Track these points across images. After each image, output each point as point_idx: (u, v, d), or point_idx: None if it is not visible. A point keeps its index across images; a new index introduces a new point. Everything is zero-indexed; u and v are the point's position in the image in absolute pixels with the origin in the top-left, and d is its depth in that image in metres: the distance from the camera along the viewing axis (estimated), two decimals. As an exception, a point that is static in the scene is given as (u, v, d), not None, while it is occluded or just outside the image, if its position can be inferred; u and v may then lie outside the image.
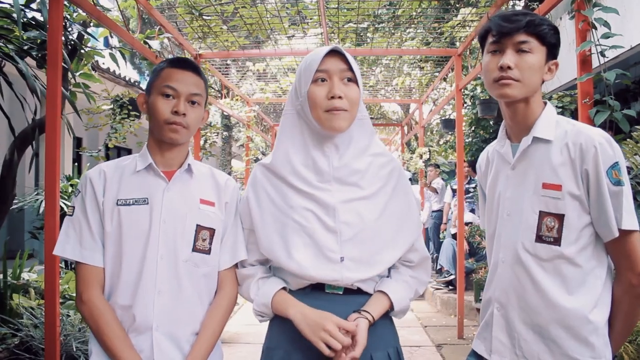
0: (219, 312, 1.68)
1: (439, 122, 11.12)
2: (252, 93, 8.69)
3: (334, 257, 1.50)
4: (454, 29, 5.89)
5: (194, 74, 1.68)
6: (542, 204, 1.53)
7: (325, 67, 1.51)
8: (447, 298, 6.69)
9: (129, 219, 1.61)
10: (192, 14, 4.97)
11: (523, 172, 1.59)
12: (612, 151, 1.47)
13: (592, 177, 1.47)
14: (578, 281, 1.50)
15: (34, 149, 3.23)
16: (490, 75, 1.57)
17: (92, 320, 1.57)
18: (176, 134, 1.64)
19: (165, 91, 1.63)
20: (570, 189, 1.49)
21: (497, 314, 1.63)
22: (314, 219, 1.53)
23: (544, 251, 1.53)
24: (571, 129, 1.54)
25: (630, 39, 4.97)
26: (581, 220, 1.50)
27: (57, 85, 2.57)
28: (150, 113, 1.66)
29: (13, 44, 3.15)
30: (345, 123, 1.51)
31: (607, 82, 2.64)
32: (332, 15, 5.45)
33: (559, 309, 1.50)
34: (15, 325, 3.20)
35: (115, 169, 1.68)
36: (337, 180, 1.55)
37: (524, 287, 1.56)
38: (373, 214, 1.55)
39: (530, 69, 1.52)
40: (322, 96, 1.50)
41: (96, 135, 8.67)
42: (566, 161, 1.50)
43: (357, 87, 1.53)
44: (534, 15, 1.53)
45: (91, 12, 3.18)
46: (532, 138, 1.57)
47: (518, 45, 1.52)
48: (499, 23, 1.54)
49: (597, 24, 2.69)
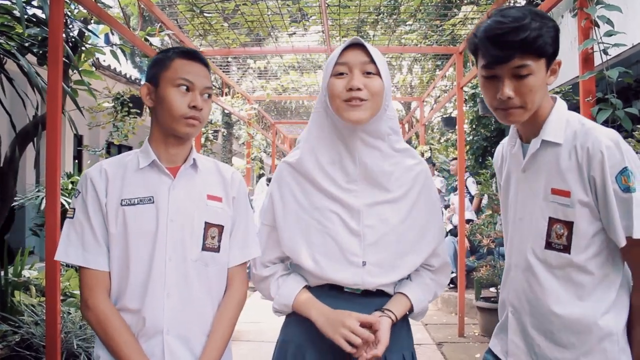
0: (229, 311, 1.63)
1: (440, 120, 11.11)
2: (252, 90, 8.68)
3: (356, 260, 1.49)
4: (455, 27, 5.87)
5: (204, 66, 1.62)
6: (551, 210, 1.46)
7: (345, 59, 1.48)
8: (447, 296, 6.68)
9: (134, 219, 1.53)
10: (193, 11, 4.96)
11: (533, 175, 1.52)
12: (621, 155, 1.37)
13: (599, 184, 1.38)
14: (590, 288, 1.44)
15: (35, 146, 3.23)
16: (490, 102, 1.48)
17: (99, 327, 1.50)
18: (192, 128, 1.58)
19: (180, 83, 1.55)
20: (579, 195, 1.41)
21: (512, 317, 1.58)
22: (338, 221, 1.52)
23: (553, 258, 1.46)
24: (580, 129, 1.43)
25: (633, 37, 4.95)
26: (592, 227, 1.42)
27: (57, 81, 2.57)
28: (162, 105, 1.57)
29: (14, 40, 3.15)
30: (365, 114, 1.46)
31: (609, 80, 2.63)
32: (333, 13, 5.44)
33: (568, 316, 1.44)
34: (16, 322, 3.20)
35: (118, 167, 1.60)
36: (363, 179, 1.54)
37: (534, 293, 1.51)
38: (398, 218, 1.53)
39: (531, 91, 1.40)
40: (341, 88, 1.47)
41: (97, 133, 8.65)
42: (574, 166, 1.42)
43: (381, 79, 1.48)
44: (527, 27, 1.35)
45: (92, 9, 3.17)
46: (541, 141, 1.48)
47: (515, 71, 1.38)
48: (489, 50, 1.39)
49: (599, 22, 2.68)
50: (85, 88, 3.52)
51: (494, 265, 5.45)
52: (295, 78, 8.20)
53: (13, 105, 3.42)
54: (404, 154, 1.60)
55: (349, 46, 1.49)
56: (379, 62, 1.48)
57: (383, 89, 1.49)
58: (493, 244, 5.63)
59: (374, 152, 1.54)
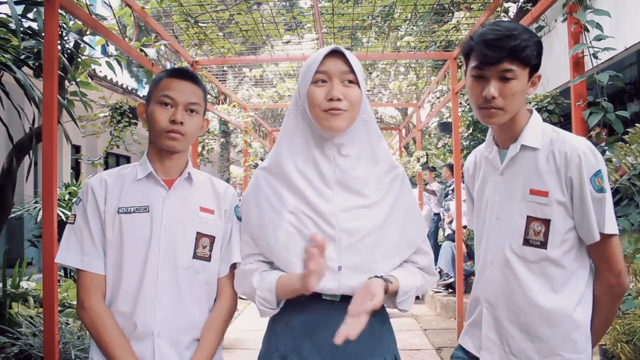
0: (219, 319, 1.69)
1: (436, 125, 11.14)
2: (249, 99, 8.71)
3: (332, 265, 1.47)
4: (448, 33, 5.91)
5: (192, 84, 1.69)
6: (529, 209, 1.59)
7: (325, 68, 1.49)
8: (446, 301, 6.69)
9: (129, 226, 1.62)
10: (187, 21, 4.99)
11: (511, 178, 1.65)
12: (595, 160, 1.54)
13: (576, 184, 1.53)
14: (562, 282, 1.58)
15: (32, 157, 3.25)
16: (475, 100, 1.61)
17: (92, 328, 1.58)
18: (174, 142, 1.65)
19: (163, 100, 1.64)
20: (556, 195, 1.55)
21: (486, 312, 1.68)
22: (313, 226, 1.51)
23: (530, 254, 1.59)
24: (556, 137, 1.59)
25: (625, 40, 4.99)
26: (566, 224, 1.57)
27: (53, 93, 2.58)
28: (150, 122, 1.68)
29: (10, 53, 3.16)
30: (344, 123, 1.50)
31: (600, 84, 2.65)
32: (327, 21, 5.48)
33: (544, 308, 1.57)
34: (14, 334, 3.21)
35: (117, 178, 1.70)
36: (339, 184, 1.54)
37: (511, 288, 1.62)
38: (374, 223, 1.53)
39: (513, 95, 1.55)
40: (321, 97, 1.48)
41: (94, 143, 8.68)
42: (552, 169, 1.56)
43: (359, 88, 1.51)
44: (518, 37, 1.51)
45: (86, 21, 3.20)
46: (520, 146, 1.62)
47: (501, 73, 1.53)
48: (483, 50, 1.54)
49: (589, 27, 2.71)
50: (82, 99, 3.54)
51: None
52: (291, 85, 8.23)
53: (10, 118, 3.43)
54: (380, 158, 1.61)
55: (329, 54, 1.50)
56: (358, 71, 1.51)
57: (361, 98, 1.52)
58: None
59: (349, 158, 1.55)
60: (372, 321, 1.44)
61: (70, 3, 2.89)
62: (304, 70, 1.55)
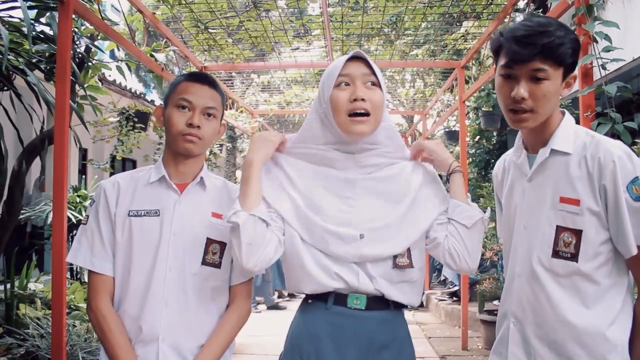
0: (227, 326, 1.68)
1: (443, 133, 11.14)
2: (256, 104, 8.75)
3: (353, 233, 1.50)
4: (457, 42, 5.93)
5: (210, 88, 1.69)
6: (559, 219, 1.47)
7: (347, 71, 1.51)
8: (451, 309, 6.67)
9: (139, 229, 1.63)
10: (197, 27, 5.03)
11: (540, 184, 1.53)
12: (632, 165, 1.40)
13: (610, 193, 1.40)
14: (595, 298, 1.44)
15: (42, 160, 3.27)
16: (504, 102, 1.50)
17: (98, 328, 1.60)
18: (191, 144, 1.64)
19: (180, 103, 1.64)
20: (588, 204, 1.42)
21: (514, 328, 1.56)
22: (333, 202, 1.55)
23: (560, 267, 1.47)
24: (590, 141, 1.47)
25: (633, 51, 5.00)
26: (599, 236, 1.43)
27: (65, 97, 2.61)
28: (167, 125, 1.68)
29: (22, 57, 3.20)
30: (368, 128, 1.50)
31: (608, 94, 2.66)
32: (336, 28, 5.51)
33: (575, 325, 1.44)
34: (21, 335, 3.22)
35: (130, 181, 1.71)
36: (362, 187, 1.56)
37: (539, 302, 1.50)
38: (396, 215, 1.55)
39: (545, 97, 1.43)
40: (345, 99, 1.49)
41: (102, 147, 8.72)
42: (584, 175, 1.44)
43: (381, 91, 1.53)
44: (552, 34, 1.39)
45: (99, 26, 3.23)
46: (550, 150, 1.50)
47: (533, 73, 1.42)
48: (512, 47, 1.42)
49: (598, 38, 2.72)
50: (92, 103, 3.57)
51: (497, 278, 5.45)
52: (298, 92, 8.27)
53: (20, 120, 3.47)
54: (401, 159, 1.64)
55: (349, 59, 1.53)
56: (379, 74, 1.53)
57: (383, 101, 1.54)
58: (496, 257, 5.64)
59: (372, 158, 1.58)
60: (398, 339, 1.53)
61: (84, 8, 2.93)
62: (325, 77, 1.56)
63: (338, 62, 1.53)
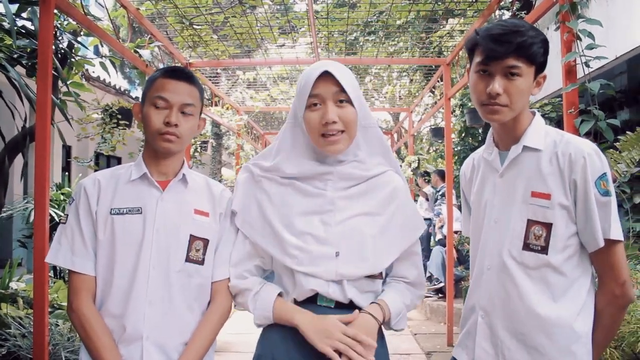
0: (211, 323, 1.67)
1: (429, 130, 11.18)
2: (242, 101, 8.71)
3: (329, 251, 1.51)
4: (442, 39, 5.95)
5: (188, 84, 1.66)
6: (530, 213, 1.53)
7: (317, 91, 1.49)
8: (436, 306, 6.71)
9: (122, 228, 1.61)
10: (182, 23, 4.99)
11: (512, 180, 1.59)
12: (600, 162, 1.49)
13: (580, 187, 1.48)
14: (562, 290, 1.51)
15: (24, 157, 3.23)
16: (479, 97, 1.56)
17: (80, 329, 1.57)
18: (169, 144, 1.63)
19: (156, 102, 1.62)
20: (559, 198, 1.49)
21: (482, 321, 1.62)
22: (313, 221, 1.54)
23: (530, 259, 1.53)
24: (560, 139, 1.55)
25: (616, 49, 5.05)
26: (568, 229, 1.51)
27: (47, 93, 2.57)
28: (144, 123, 1.66)
29: (3, 52, 3.15)
30: (342, 145, 1.52)
31: (591, 92, 2.68)
32: (322, 25, 5.50)
33: (543, 317, 1.50)
34: (2, 335, 3.18)
35: (110, 178, 1.68)
36: (340, 197, 1.56)
37: (508, 295, 1.55)
38: (372, 231, 1.56)
39: (518, 93, 1.51)
40: (317, 121, 1.50)
41: (86, 144, 8.63)
42: (555, 171, 1.51)
43: (353, 107, 1.51)
44: (525, 34, 1.48)
45: (81, 21, 3.19)
46: (522, 147, 1.57)
47: (507, 70, 1.49)
48: (488, 45, 1.50)
49: (581, 36, 2.74)
50: (76, 100, 3.52)
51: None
52: (284, 89, 8.25)
53: (2, 116, 3.41)
54: (381, 169, 1.64)
55: (320, 76, 1.49)
56: (350, 89, 1.50)
57: (356, 116, 1.53)
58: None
59: (350, 165, 1.59)
60: None
61: (66, 3, 2.89)
62: (298, 91, 1.56)
63: (308, 79, 1.51)
